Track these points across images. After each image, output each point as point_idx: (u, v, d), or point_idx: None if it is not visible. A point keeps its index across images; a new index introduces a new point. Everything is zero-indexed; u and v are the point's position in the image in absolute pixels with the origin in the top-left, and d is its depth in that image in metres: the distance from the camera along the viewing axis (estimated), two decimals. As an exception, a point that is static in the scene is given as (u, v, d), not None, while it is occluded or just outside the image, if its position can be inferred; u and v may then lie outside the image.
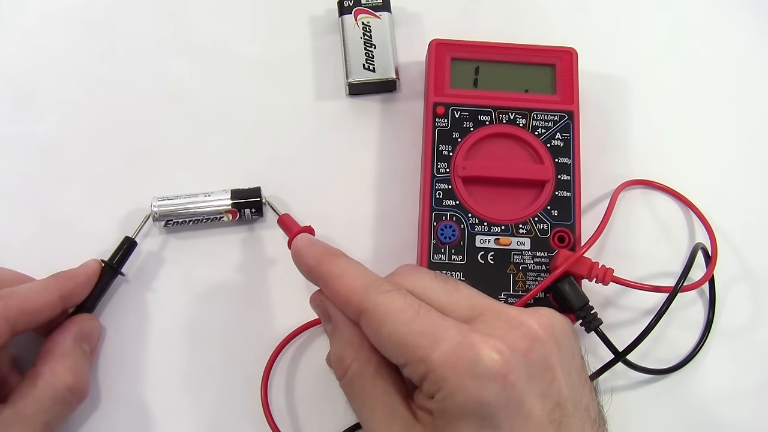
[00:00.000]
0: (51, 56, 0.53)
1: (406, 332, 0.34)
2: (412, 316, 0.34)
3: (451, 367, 0.32)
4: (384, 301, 0.35)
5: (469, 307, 0.36)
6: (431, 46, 0.50)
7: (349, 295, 0.36)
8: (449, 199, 0.46)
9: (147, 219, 0.47)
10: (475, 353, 0.32)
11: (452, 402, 0.32)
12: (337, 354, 0.38)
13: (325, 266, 0.38)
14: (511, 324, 0.34)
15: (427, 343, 0.33)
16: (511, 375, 0.32)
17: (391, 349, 0.34)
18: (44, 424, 0.39)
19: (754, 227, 0.50)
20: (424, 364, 0.33)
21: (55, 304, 0.42)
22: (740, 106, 0.54)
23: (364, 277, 0.37)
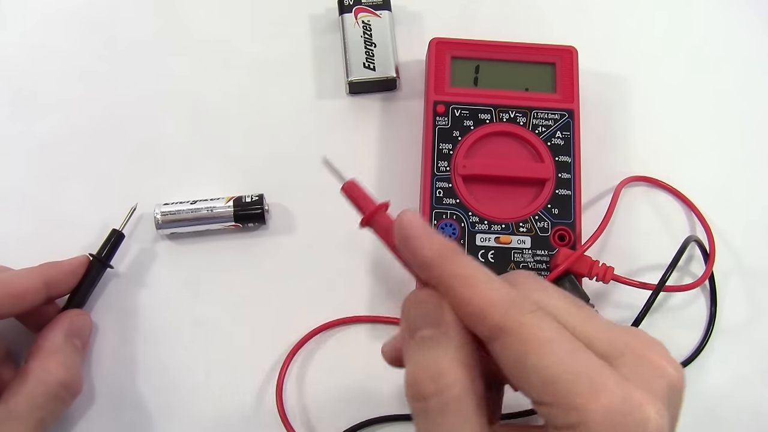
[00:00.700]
0: (52, 55, 0.53)
1: (560, 371, 0.28)
2: (568, 352, 0.28)
3: (612, 425, 0.27)
4: (532, 324, 0.29)
5: (608, 343, 0.30)
6: (431, 45, 0.50)
7: (484, 309, 0.29)
8: (449, 198, 0.46)
9: (133, 211, 0.47)
10: (641, 415, 0.27)
11: None
12: (436, 367, 0.30)
13: (450, 266, 0.31)
14: (655, 373, 0.29)
15: (586, 390, 0.27)
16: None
17: (533, 383, 0.28)
18: (38, 421, 0.39)
19: (756, 225, 0.50)
20: (576, 414, 0.27)
21: (39, 289, 0.42)
22: (741, 104, 0.53)
23: (502, 289, 0.30)
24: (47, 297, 0.42)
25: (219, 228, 0.47)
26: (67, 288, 0.44)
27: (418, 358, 0.30)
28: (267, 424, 0.45)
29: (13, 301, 0.40)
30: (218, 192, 0.48)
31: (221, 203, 0.47)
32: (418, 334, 0.31)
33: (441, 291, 0.31)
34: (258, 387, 0.45)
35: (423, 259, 0.31)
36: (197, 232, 0.48)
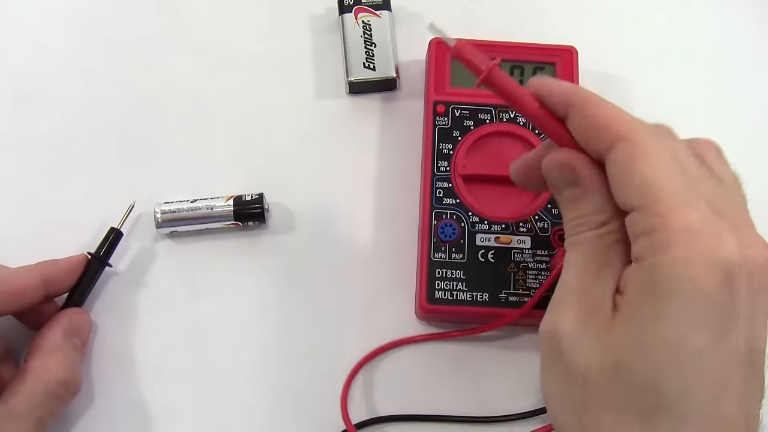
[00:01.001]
0: (53, 54, 0.53)
1: (660, 179, 0.30)
2: (674, 171, 0.30)
3: (687, 237, 0.28)
4: (649, 138, 0.31)
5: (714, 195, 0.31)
6: (431, 45, 0.50)
7: (610, 120, 0.32)
8: (449, 198, 0.46)
9: (131, 209, 0.47)
10: (720, 238, 0.29)
11: (667, 273, 0.29)
12: (580, 217, 0.34)
13: (582, 92, 0.34)
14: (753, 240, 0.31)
15: (676, 202, 0.29)
16: (739, 280, 0.28)
17: (635, 186, 0.30)
18: (37, 420, 0.39)
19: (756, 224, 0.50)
20: (659, 219, 0.29)
21: (37, 287, 0.42)
22: (740, 104, 0.54)
23: (624, 112, 0.33)
24: (46, 295, 0.42)
25: (219, 227, 0.47)
26: (65, 286, 0.44)
27: (568, 213, 0.35)
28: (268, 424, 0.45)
29: (11, 299, 0.40)
30: (218, 191, 0.48)
31: (221, 202, 0.47)
32: (563, 194, 0.35)
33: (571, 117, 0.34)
34: (258, 387, 0.45)
35: (557, 89, 0.35)
36: (197, 231, 0.48)
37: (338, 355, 0.46)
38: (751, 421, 0.30)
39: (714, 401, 0.29)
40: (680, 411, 0.29)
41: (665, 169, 0.30)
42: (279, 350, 0.46)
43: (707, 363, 0.29)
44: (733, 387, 0.29)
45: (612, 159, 0.31)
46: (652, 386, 0.29)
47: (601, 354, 0.31)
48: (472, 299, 0.44)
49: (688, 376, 0.29)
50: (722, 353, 0.29)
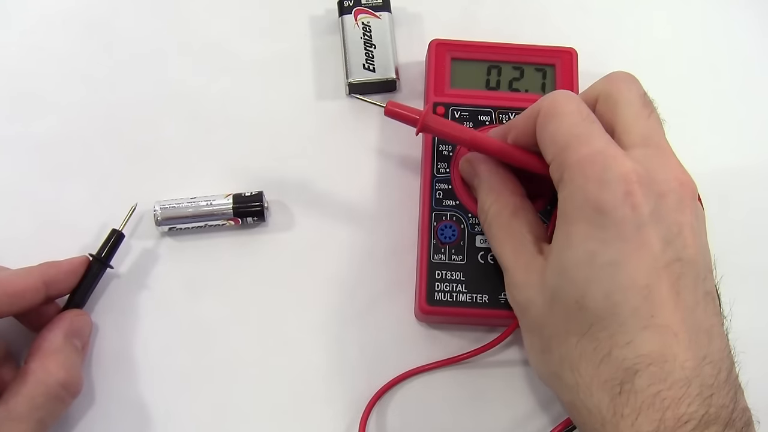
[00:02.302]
0: (51, 56, 0.53)
1: (564, 131, 0.36)
2: (577, 122, 0.36)
3: (582, 168, 0.34)
4: (560, 99, 0.37)
5: (643, 136, 0.37)
6: (431, 46, 0.51)
7: (532, 107, 0.39)
8: (449, 199, 0.46)
9: (133, 210, 0.47)
10: (609, 162, 0.33)
11: (570, 202, 0.34)
12: (481, 199, 0.42)
13: None
14: (666, 166, 0.35)
15: (574, 144, 0.34)
16: (637, 195, 0.32)
17: (547, 145, 0.37)
18: (38, 422, 0.39)
19: (757, 227, 0.51)
20: (562, 164, 0.35)
21: (38, 288, 0.42)
22: (741, 105, 0.54)
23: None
24: (46, 296, 0.43)
25: (218, 224, 0.48)
26: (66, 288, 0.44)
27: (478, 200, 0.43)
28: (268, 424, 0.45)
29: (12, 300, 0.41)
30: (218, 192, 0.48)
31: (221, 199, 0.48)
32: (473, 186, 0.44)
33: (512, 125, 0.41)
34: (258, 386, 0.46)
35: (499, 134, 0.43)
36: (197, 229, 0.48)
37: (338, 354, 0.47)
38: (701, 329, 0.32)
39: (645, 309, 0.32)
40: (612, 321, 0.32)
41: (569, 121, 0.36)
42: (278, 349, 0.46)
43: (625, 273, 0.32)
44: (662, 295, 0.32)
45: (537, 125, 0.38)
46: (580, 303, 0.33)
47: (542, 294, 0.36)
48: (472, 301, 0.44)
49: (609, 288, 0.32)
50: (639, 264, 0.32)
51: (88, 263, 0.45)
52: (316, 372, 0.46)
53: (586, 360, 0.33)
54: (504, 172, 0.42)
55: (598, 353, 0.32)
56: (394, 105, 0.43)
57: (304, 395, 0.46)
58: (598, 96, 0.39)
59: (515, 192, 0.41)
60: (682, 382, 0.31)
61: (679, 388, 0.31)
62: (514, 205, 0.41)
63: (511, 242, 0.40)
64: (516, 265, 0.39)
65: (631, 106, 0.38)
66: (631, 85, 0.39)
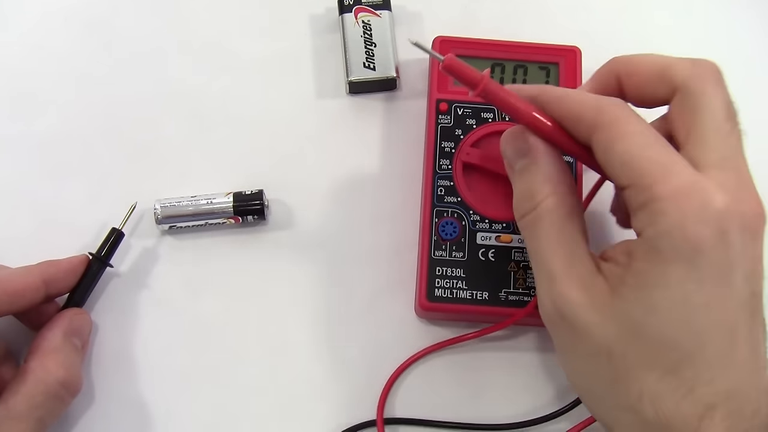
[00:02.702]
0: (51, 55, 0.53)
1: (639, 155, 0.33)
2: (650, 142, 0.33)
3: (677, 202, 0.31)
4: (621, 117, 0.34)
5: (721, 157, 0.34)
6: (435, 43, 0.51)
7: (582, 111, 0.35)
8: (451, 196, 0.47)
9: (133, 209, 0.48)
10: (706, 197, 0.31)
11: (667, 241, 0.31)
12: (530, 188, 0.37)
13: (555, 91, 0.37)
14: (745, 194, 0.33)
15: (659, 173, 0.32)
16: (733, 233, 0.31)
17: (618, 168, 0.33)
18: (37, 421, 0.39)
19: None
20: (648, 192, 0.32)
21: (38, 287, 0.42)
22: (743, 105, 0.54)
23: (597, 96, 0.36)
24: (46, 295, 0.43)
25: (218, 222, 0.48)
26: (66, 286, 0.45)
27: (518, 185, 0.38)
28: (268, 423, 0.45)
29: (12, 299, 0.41)
30: (218, 191, 0.49)
31: (221, 197, 0.48)
32: (515, 167, 0.38)
33: (547, 111, 0.37)
34: (259, 385, 0.46)
35: (528, 94, 0.37)
36: (197, 227, 0.48)
37: (338, 353, 0.47)
38: (760, 362, 0.33)
39: (727, 347, 0.32)
40: (700, 360, 0.32)
41: (640, 143, 0.33)
42: (278, 348, 0.47)
43: (715, 314, 0.31)
44: (741, 332, 0.32)
45: (595, 147, 0.35)
46: (670, 342, 0.32)
47: (617, 324, 0.33)
48: (472, 298, 0.45)
49: (701, 328, 0.31)
50: (727, 303, 0.31)
51: (88, 262, 0.46)
52: (317, 370, 0.46)
53: (668, 395, 0.32)
54: (565, 163, 0.37)
55: (680, 389, 0.32)
56: (453, 60, 0.38)
57: (304, 394, 0.46)
58: (678, 89, 0.36)
59: (574, 190, 0.37)
60: (752, 413, 0.32)
61: (750, 419, 0.32)
62: (572, 204, 0.36)
63: (564, 247, 0.35)
64: (568, 277, 0.35)
65: (715, 117, 0.35)
66: (719, 88, 0.36)
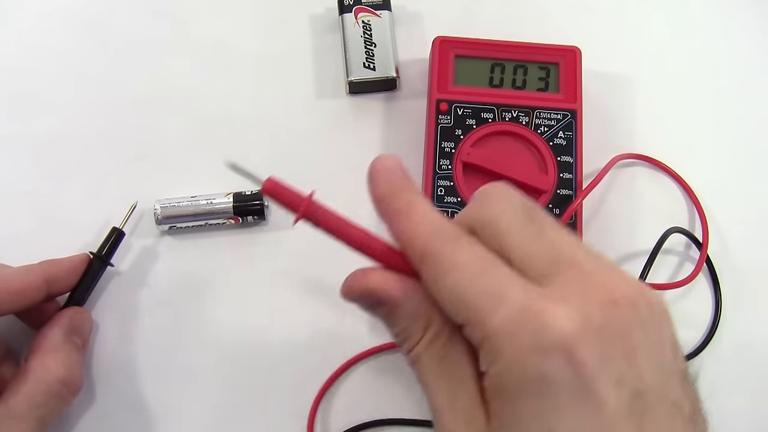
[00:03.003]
0: (49, 54, 0.54)
1: (468, 289, 0.29)
2: (478, 272, 0.29)
3: (510, 335, 0.28)
4: (449, 248, 0.30)
5: (550, 261, 0.30)
6: (435, 43, 0.51)
7: (412, 237, 0.32)
8: (451, 196, 0.47)
9: (133, 209, 0.48)
10: (539, 321, 0.27)
11: (508, 378, 0.28)
12: (405, 332, 0.33)
13: (394, 202, 0.33)
14: (591, 290, 0.29)
15: (489, 305, 0.28)
16: (582, 352, 0.27)
17: (449, 305, 0.30)
18: (38, 419, 0.39)
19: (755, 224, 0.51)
20: (480, 329, 0.28)
21: (39, 286, 0.42)
22: (742, 104, 0.55)
23: (431, 219, 0.32)
24: (47, 294, 0.43)
25: (218, 222, 0.48)
26: (67, 286, 0.45)
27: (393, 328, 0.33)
28: (268, 424, 0.45)
29: (13, 298, 0.41)
30: (218, 191, 0.49)
31: (221, 197, 0.48)
32: (378, 316, 0.34)
33: (388, 226, 0.33)
34: (259, 384, 0.46)
35: (375, 194, 0.34)
36: (197, 227, 0.49)
37: (339, 352, 0.47)
38: None
39: None
40: None
41: (468, 275, 0.29)
42: (279, 347, 0.47)
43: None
44: None
45: (424, 279, 0.31)
46: None
47: None
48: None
49: None
50: (599, 423, 0.28)
51: (89, 261, 0.46)
52: (318, 370, 0.46)
53: None
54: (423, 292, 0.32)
55: None
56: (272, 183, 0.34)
57: (305, 393, 0.46)
58: (473, 228, 0.32)
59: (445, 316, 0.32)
60: None
61: None
62: (449, 331, 0.32)
63: (446, 381, 0.32)
64: (452, 411, 0.31)
65: (518, 230, 0.31)
66: (505, 202, 0.32)
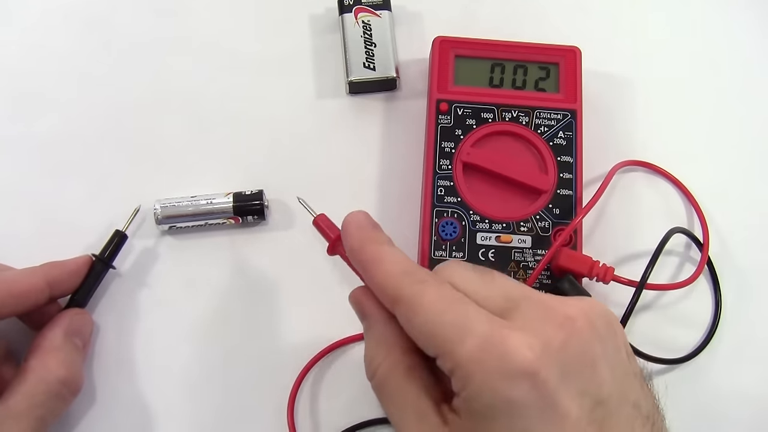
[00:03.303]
0: (51, 55, 0.54)
1: (437, 323, 0.33)
2: (445, 308, 0.33)
3: (478, 362, 0.31)
4: (418, 290, 0.34)
5: (505, 298, 0.34)
6: (435, 43, 0.51)
7: (384, 282, 0.36)
8: (451, 196, 0.47)
9: (136, 212, 0.48)
10: (503, 349, 0.31)
11: (479, 402, 0.31)
12: (369, 353, 0.37)
13: (366, 252, 0.38)
14: (547, 315, 0.33)
15: (456, 336, 0.32)
16: (543, 372, 0.30)
17: (422, 340, 0.34)
18: (38, 419, 0.40)
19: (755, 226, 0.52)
20: (450, 359, 0.32)
21: (42, 288, 0.43)
22: (742, 104, 0.55)
23: (401, 264, 0.36)
24: (50, 297, 0.43)
25: (219, 223, 0.49)
26: (69, 288, 0.45)
27: (365, 346, 0.38)
28: (269, 425, 0.46)
29: (16, 301, 0.41)
30: (219, 191, 0.49)
31: (221, 197, 0.48)
32: (363, 325, 0.39)
33: (362, 276, 0.38)
34: (260, 387, 0.46)
35: (349, 247, 0.38)
36: (197, 227, 0.49)
37: (340, 352, 0.47)
38: None
39: None
40: None
41: (437, 311, 0.33)
42: (279, 347, 0.47)
43: None
44: None
45: (399, 319, 0.35)
46: None
47: None
48: (472, 297, 0.45)
49: None
50: (565, 430, 0.31)
51: (91, 263, 0.46)
52: (318, 369, 0.47)
53: None
54: (397, 323, 0.36)
55: None
56: (323, 219, 0.42)
57: (305, 393, 0.46)
58: None
59: (408, 348, 0.36)
60: None
61: None
62: (407, 365, 0.35)
63: (409, 410, 0.35)
64: None
65: (470, 281, 0.36)
66: (455, 264, 0.37)
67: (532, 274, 0.45)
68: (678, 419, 0.36)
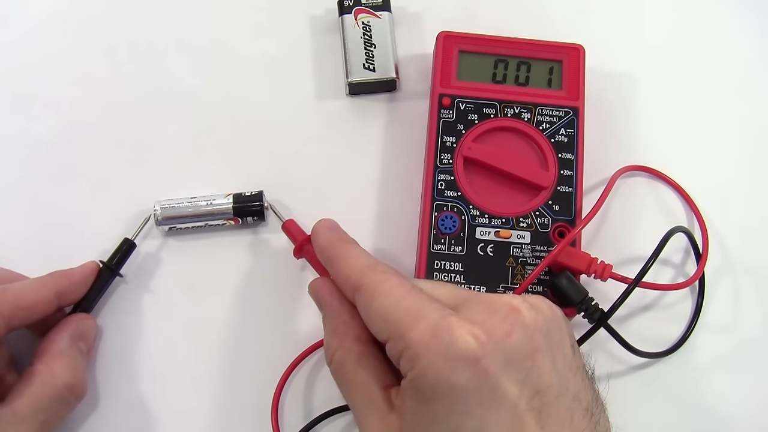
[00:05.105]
0: (51, 56, 0.55)
1: (393, 308, 0.36)
2: (402, 295, 0.37)
3: (426, 346, 0.34)
4: (379, 278, 0.38)
5: (455, 297, 0.38)
6: (439, 38, 0.53)
7: (348, 273, 0.40)
8: (451, 190, 0.48)
9: (147, 221, 0.49)
10: (450, 335, 0.34)
11: (424, 381, 0.34)
12: (326, 342, 0.41)
13: (334, 249, 0.42)
14: (492, 308, 0.36)
15: (410, 321, 0.35)
16: (485, 360, 0.33)
17: (377, 324, 0.37)
18: (42, 423, 0.40)
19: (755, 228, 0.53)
20: (402, 341, 0.35)
21: (51, 300, 0.44)
22: (743, 102, 0.56)
23: (366, 259, 0.41)
24: (58, 307, 0.45)
25: (218, 224, 0.50)
26: (77, 297, 0.46)
27: (324, 333, 0.42)
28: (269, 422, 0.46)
29: (25, 314, 0.42)
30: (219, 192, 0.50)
31: (221, 198, 0.49)
32: (321, 315, 0.43)
33: (329, 270, 0.42)
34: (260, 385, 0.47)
35: (318, 246, 0.44)
36: (197, 229, 0.50)
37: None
38: None
39: None
40: None
41: (395, 297, 0.37)
42: (279, 347, 0.48)
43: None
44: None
45: (358, 306, 0.39)
46: None
47: None
48: (470, 292, 0.46)
49: None
50: (501, 420, 0.34)
51: (99, 271, 0.47)
52: (318, 369, 0.48)
53: None
54: (349, 313, 0.41)
55: None
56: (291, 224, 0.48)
57: (305, 392, 0.47)
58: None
59: (359, 338, 0.40)
60: None
61: None
62: (358, 353, 0.39)
63: (360, 395, 0.39)
64: (366, 418, 0.38)
65: (424, 282, 0.40)
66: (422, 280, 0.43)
67: (532, 274, 0.46)
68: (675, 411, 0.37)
